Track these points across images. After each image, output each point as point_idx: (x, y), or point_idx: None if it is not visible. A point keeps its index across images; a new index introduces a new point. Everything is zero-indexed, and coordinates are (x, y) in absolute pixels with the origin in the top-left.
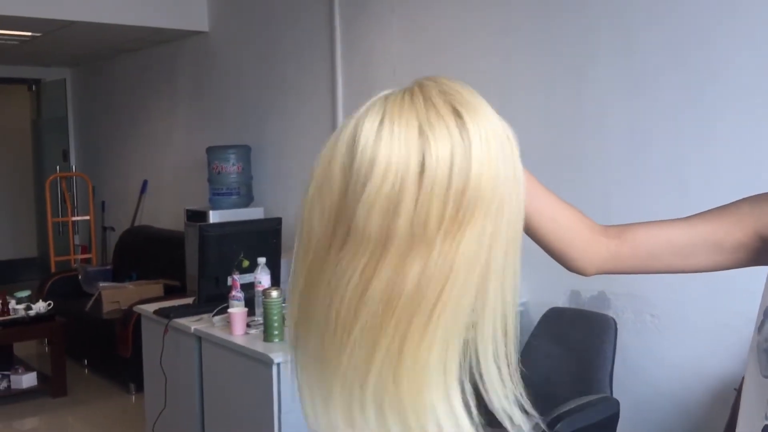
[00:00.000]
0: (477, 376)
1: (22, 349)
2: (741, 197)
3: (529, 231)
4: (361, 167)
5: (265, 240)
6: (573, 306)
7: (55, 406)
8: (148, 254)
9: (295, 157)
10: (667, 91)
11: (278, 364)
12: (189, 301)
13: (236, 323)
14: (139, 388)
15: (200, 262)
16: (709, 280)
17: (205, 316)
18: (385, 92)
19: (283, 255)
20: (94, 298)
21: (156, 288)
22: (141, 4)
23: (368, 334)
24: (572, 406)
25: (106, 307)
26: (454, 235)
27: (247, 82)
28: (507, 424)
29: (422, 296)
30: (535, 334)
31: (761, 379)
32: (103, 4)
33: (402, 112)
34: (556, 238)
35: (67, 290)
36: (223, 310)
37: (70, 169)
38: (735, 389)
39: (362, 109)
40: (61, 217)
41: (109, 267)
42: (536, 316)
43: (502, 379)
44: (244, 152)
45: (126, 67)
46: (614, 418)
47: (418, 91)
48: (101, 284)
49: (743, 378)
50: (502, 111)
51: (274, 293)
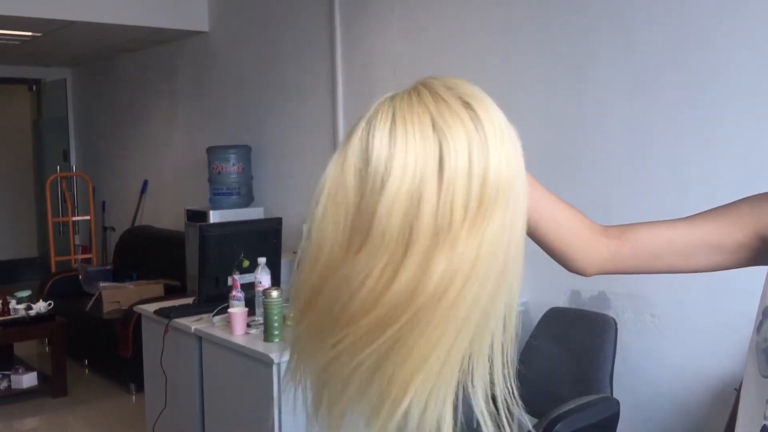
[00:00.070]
0: (468, 370)
1: (22, 349)
2: (741, 197)
3: (530, 231)
4: (378, 168)
5: (265, 240)
6: (573, 306)
7: (56, 406)
8: (148, 254)
9: (296, 157)
10: (667, 91)
11: (278, 364)
12: (189, 301)
13: (236, 323)
14: (140, 388)
15: (200, 262)
16: (709, 280)
17: (206, 316)
18: (388, 94)
19: (284, 255)
20: (94, 298)
21: (156, 288)
22: (141, 4)
23: (376, 329)
24: (572, 406)
25: (107, 307)
26: (479, 226)
27: (247, 83)
28: (483, 423)
29: (445, 291)
30: (535, 334)
31: (760, 379)
32: (104, 4)
33: (412, 110)
34: (557, 239)
35: (68, 290)
36: (224, 310)
37: (70, 169)
38: (735, 389)
39: (369, 112)
40: (62, 217)
41: (109, 267)
42: (536, 316)
43: (495, 377)
44: (245, 152)
45: (126, 67)
46: (614, 418)
47: (424, 89)
48: (101, 284)
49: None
50: (502, 111)
51: (275, 293)
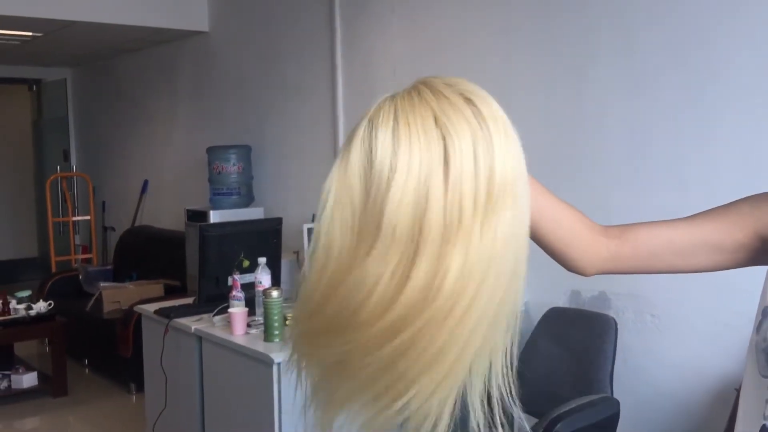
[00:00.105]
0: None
1: (22, 348)
2: (741, 197)
3: (530, 231)
4: (383, 167)
5: (265, 240)
6: (573, 306)
7: (56, 405)
8: (148, 254)
9: (296, 157)
10: (667, 91)
11: (278, 364)
12: (189, 301)
13: (236, 323)
14: (140, 388)
15: (201, 262)
16: (709, 280)
17: (206, 316)
18: (388, 94)
19: (284, 255)
20: (94, 298)
21: (156, 288)
22: (141, 4)
23: (390, 333)
24: (572, 406)
25: (107, 307)
26: (491, 222)
27: (247, 83)
28: (475, 422)
29: (462, 291)
30: (536, 334)
31: (760, 379)
32: (104, 5)
33: (414, 107)
34: (557, 239)
35: (68, 290)
36: (224, 310)
37: (70, 169)
38: (736, 389)
39: (370, 112)
40: (62, 217)
41: (109, 267)
42: (536, 316)
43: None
44: (245, 152)
45: (126, 67)
46: (614, 418)
47: (424, 87)
48: (102, 284)
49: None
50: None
51: (275, 293)
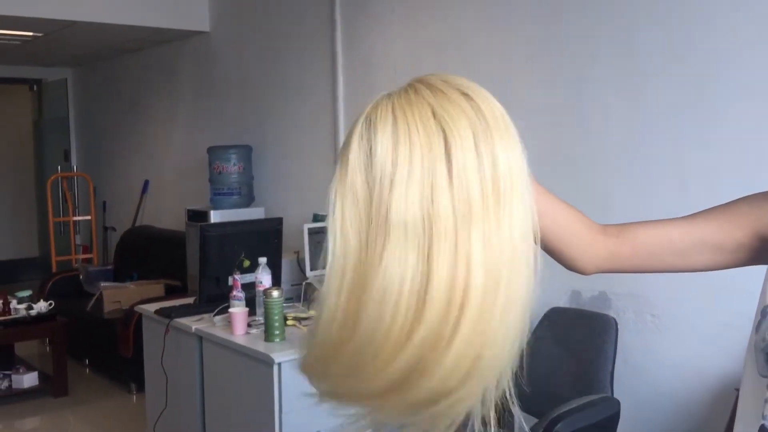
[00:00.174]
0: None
1: (23, 348)
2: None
3: None
4: (385, 161)
5: (266, 240)
6: (574, 306)
7: (57, 405)
8: (149, 254)
9: (296, 157)
10: (667, 91)
11: (279, 364)
12: (190, 300)
13: (237, 323)
14: (140, 388)
15: (201, 261)
16: (709, 280)
17: (206, 316)
18: (385, 92)
19: (284, 255)
20: (95, 298)
21: (157, 288)
22: (142, 5)
23: (431, 336)
24: (573, 406)
25: (108, 307)
26: (504, 209)
27: (248, 82)
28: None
29: (498, 275)
30: (536, 334)
31: (759, 379)
32: (105, 5)
33: (411, 103)
34: (556, 238)
35: (69, 290)
36: (224, 310)
37: (71, 169)
38: (736, 389)
39: (367, 109)
40: (63, 216)
41: (110, 267)
42: (536, 316)
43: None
44: (245, 152)
45: (127, 67)
46: (615, 418)
47: (420, 84)
48: (102, 284)
49: None
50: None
51: (275, 293)
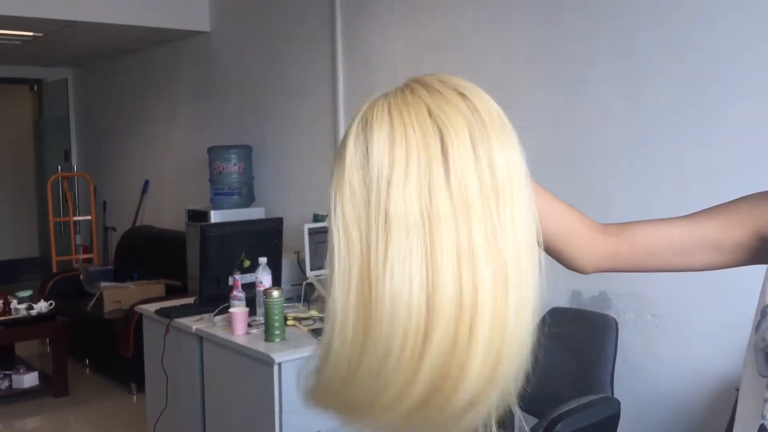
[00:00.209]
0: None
1: (23, 348)
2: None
3: None
4: (381, 161)
5: (266, 240)
6: (574, 306)
7: (57, 405)
8: (149, 254)
9: (297, 157)
10: (667, 91)
11: (279, 364)
12: (190, 300)
13: (237, 323)
14: (141, 388)
15: (201, 262)
16: (709, 279)
17: (207, 316)
18: (381, 93)
19: (284, 255)
20: (95, 298)
21: (157, 288)
22: (142, 5)
23: (444, 342)
24: (573, 406)
25: (108, 307)
26: (504, 206)
27: (248, 82)
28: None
29: (506, 276)
30: (535, 334)
31: (758, 378)
32: (105, 5)
33: (407, 103)
34: (556, 238)
35: (69, 290)
36: (224, 310)
37: (71, 169)
38: (736, 389)
39: (363, 110)
40: (63, 216)
41: (110, 267)
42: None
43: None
44: (246, 152)
45: (127, 67)
46: (615, 418)
47: (416, 84)
48: (103, 284)
49: None
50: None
51: (275, 293)
